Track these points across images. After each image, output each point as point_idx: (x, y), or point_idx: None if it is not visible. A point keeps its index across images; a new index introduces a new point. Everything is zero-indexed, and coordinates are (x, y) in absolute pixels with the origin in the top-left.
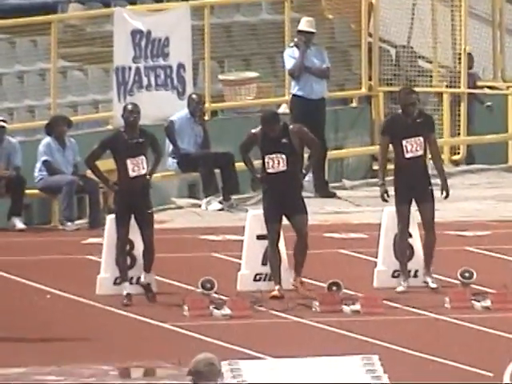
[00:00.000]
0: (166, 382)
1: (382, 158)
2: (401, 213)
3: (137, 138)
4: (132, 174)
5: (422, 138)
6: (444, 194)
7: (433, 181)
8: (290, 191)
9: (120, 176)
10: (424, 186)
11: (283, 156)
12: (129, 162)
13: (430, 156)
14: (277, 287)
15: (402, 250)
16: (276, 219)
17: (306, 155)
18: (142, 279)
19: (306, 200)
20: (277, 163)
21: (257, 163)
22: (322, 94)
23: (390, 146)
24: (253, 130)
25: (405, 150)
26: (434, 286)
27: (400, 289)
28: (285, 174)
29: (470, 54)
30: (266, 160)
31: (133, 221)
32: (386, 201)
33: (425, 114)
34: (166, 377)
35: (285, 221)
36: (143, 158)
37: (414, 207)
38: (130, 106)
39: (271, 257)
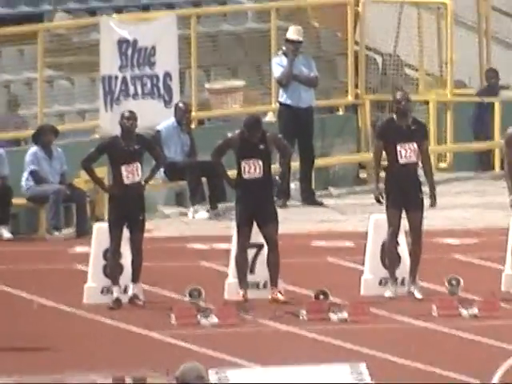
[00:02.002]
0: None
1: (376, 162)
2: (392, 218)
3: (133, 144)
4: (126, 181)
5: (415, 144)
6: (430, 202)
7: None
8: (263, 198)
9: (115, 182)
10: (415, 194)
11: (260, 162)
12: (123, 168)
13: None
14: (241, 292)
15: (392, 254)
16: (247, 224)
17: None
18: (130, 292)
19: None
20: (253, 169)
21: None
22: (310, 103)
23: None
24: (229, 135)
25: (399, 156)
26: (419, 296)
27: (388, 294)
28: (260, 180)
29: (494, 69)
30: (243, 165)
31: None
32: (381, 203)
33: (418, 121)
34: None
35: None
36: (138, 165)
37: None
38: (126, 113)
39: (239, 261)
